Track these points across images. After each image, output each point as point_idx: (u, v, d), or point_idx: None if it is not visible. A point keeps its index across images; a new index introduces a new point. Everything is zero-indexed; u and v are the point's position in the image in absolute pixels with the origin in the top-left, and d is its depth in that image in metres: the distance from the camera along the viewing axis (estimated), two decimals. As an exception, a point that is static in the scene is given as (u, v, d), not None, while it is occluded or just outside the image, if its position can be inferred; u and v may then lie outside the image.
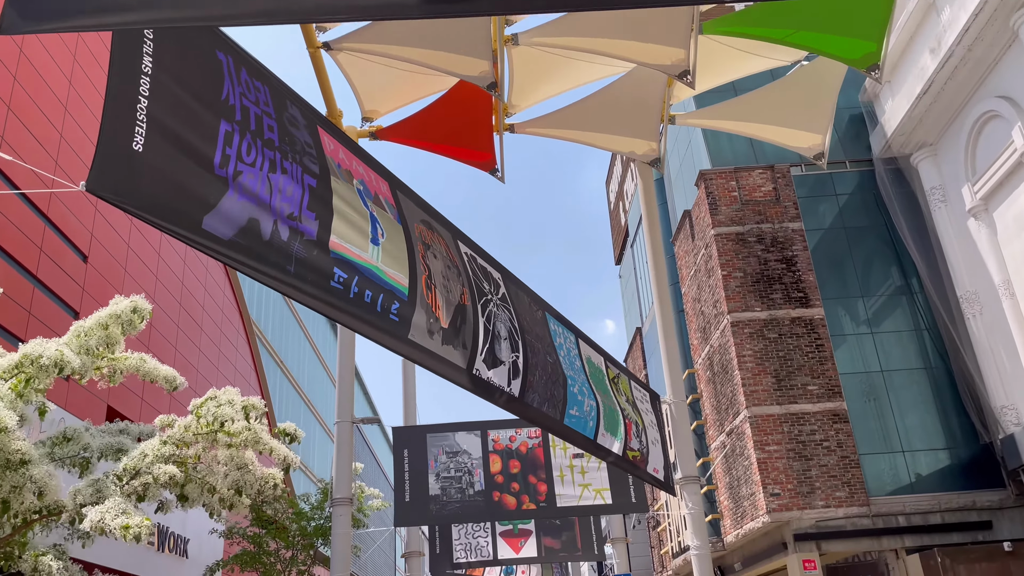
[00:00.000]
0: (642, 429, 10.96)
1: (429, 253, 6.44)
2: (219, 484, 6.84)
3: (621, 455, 9.85)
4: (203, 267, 21.50)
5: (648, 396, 11.73)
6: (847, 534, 15.65)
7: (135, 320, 6.81)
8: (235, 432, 6.72)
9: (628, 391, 10.69)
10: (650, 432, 11.24)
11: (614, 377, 10.28)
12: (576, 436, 8.60)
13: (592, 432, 9.02)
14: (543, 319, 8.40)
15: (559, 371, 8.44)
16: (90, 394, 15.13)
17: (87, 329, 6.73)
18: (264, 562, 15.77)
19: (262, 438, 7.01)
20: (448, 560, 18.16)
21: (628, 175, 28.64)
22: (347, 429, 13.25)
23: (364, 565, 44.62)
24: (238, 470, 6.78)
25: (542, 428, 7.92)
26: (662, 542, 25.30)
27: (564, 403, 8.37)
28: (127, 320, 6.77)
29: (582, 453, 13.11)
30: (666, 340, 13.22)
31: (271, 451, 7.19)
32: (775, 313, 17.35)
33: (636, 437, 10.66)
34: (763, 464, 16.09)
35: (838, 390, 16.63)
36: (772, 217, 18.22)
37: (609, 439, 9.52)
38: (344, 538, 12.61)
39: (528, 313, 7.98)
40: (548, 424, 8.03)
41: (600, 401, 9.44)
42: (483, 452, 13.09)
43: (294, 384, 31.09)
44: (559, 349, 8.61)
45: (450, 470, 12.99)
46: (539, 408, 7.79)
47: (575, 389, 8.72)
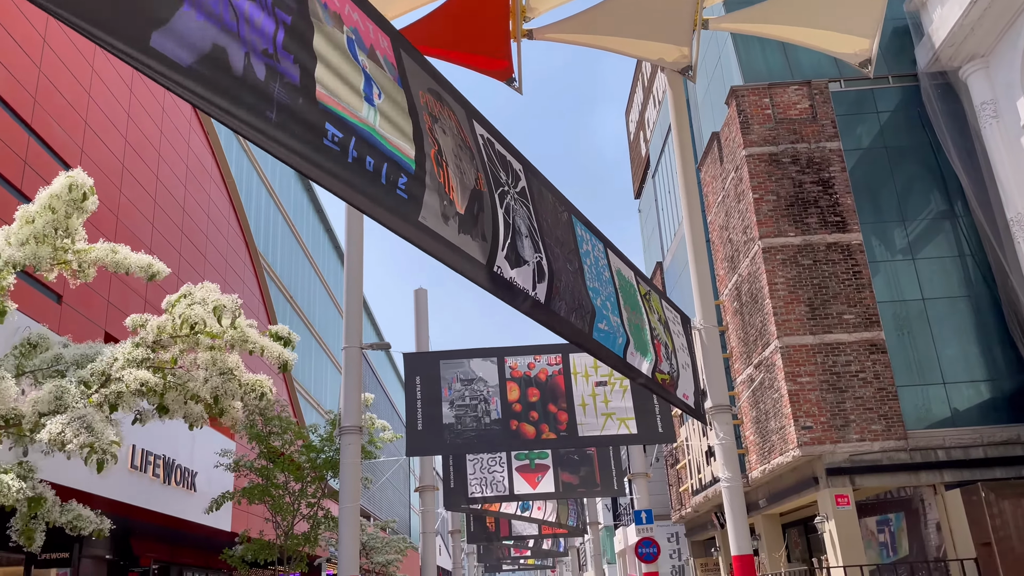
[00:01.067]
0: (672, 352, 10.09)
1: (437, 127, 5.45)
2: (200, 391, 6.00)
3: (651, 377, 8.99)
4: (206, 195, 20.58)
5: (679, 318, 10.83)
6: (883, 468, 14.87)
7: (77, 198, 5.90)
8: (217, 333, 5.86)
9: (660, 310, 9.77)
10: (680, 356, 10.36)
11: (645, 294, 9.35)
12: (605, 352, 7.72)
13: (621, 349, 8.13)
14: (568, 222, 7.44)
15: (582, 281, 7.51)
16: (85, 319, 14.39)
17: (33, 213, 5.84)
18: (273, 495, 15.20)
19: (250, 337, 6.15)
20: (463, 494, 17.60)
21: (650, 102, 27.30)
22: (355, 355, 12.46)
23: (378, 503, 44.70)
24: (220, 376, 5.93)
25: (570, 340, 7.03)
26: (680, 480, 24.74)
27: (592, 315, 7.46)
28: (71, 200, 5.87)
29: (605, 381, 12.30)
30: (696, 261, 12.25)
31: (262, 351, 6.33)
32: (810, 238, 16.30)
33: (666, 359, 9.79)
34: (794, 396, 15.25)
35: (875, 319, 15.67)
36: (808, 136, 17.03)
37: (638, 359, 8.64)
38: (353, 468, 11.92)
39: (551, 213, 7.01)
40: (576, 337, 7.13)
41: (630, 317, 8.53)
42: (500, 379, 12.30)
43: (303, 318, 30.43)
44: (585, 257, 7.66)
45: (465, 398, 12.23)
46: (567, 318, 6.88)
47: (604, 302, 7.80)
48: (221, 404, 5.99)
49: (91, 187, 6.39)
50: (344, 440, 11.94)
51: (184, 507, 17.86)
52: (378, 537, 25.70)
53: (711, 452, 20.60)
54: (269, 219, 27.06)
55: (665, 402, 12.12)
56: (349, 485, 11.78)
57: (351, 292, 12.57)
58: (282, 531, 15.38)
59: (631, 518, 37.50)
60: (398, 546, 25.61)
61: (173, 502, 17.37)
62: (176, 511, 17.51)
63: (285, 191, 29.49)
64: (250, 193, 25.15)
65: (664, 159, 24.75)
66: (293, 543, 15.25)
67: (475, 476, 17.82)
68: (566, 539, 38.45)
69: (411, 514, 63.40)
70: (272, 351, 6.48)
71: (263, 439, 15.22)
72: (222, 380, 5.91)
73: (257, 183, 25.95)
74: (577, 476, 18.03)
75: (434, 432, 11.97)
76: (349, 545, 11.50)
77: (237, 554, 15.67)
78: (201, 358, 6.07)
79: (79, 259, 6.49)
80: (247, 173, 25.09)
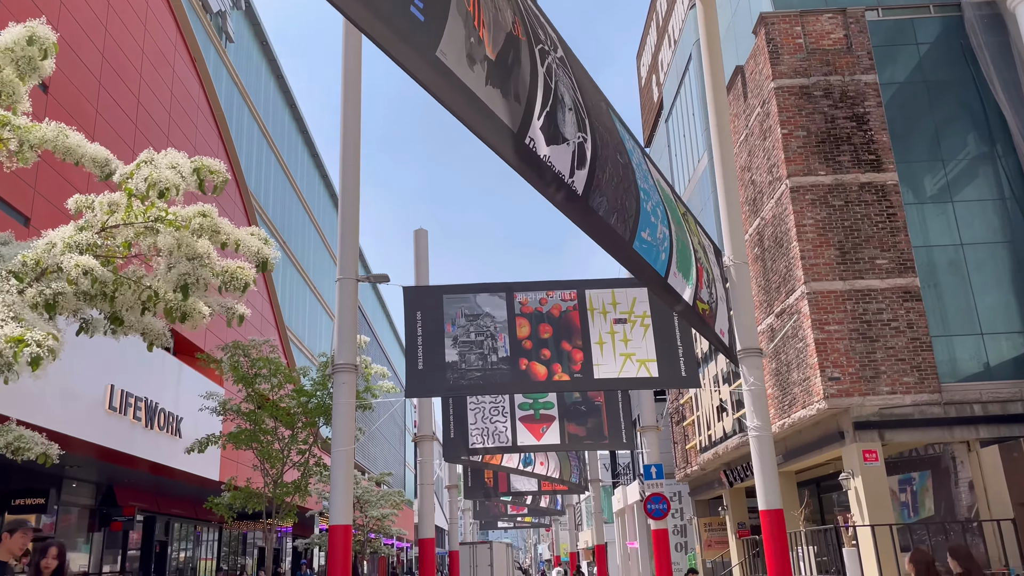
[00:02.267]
0: (712, 280, 9.00)
1: (465, -54, 4.26)
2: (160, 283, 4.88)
3: (691, 305, 7.91)
4: (192, 125, 19.29)
5: (713, 248, 9.73)
6: (915, 423, 13.90)
7: (35, 57, 4.72)
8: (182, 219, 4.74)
9: (697, 232, 8.67)
10: (718, 286, 9.29)
11: (683, 213, 8.24)
12: (644, 268, 6.61)
13: (663, 268, 7.03)
14: (608, 113, 6.28)
15: (631, 177, 6.37)
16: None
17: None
18: (261, 441, 14.21)
19: (222, 227, 5.04)
20: (464, 445, 16.62)
21: (664, 43, 25.91)
22: (350, 287, 11.33)
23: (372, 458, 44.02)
24: (188, 261, 4.81)
25: (606, 248, 5.92)
26: (687, 437, 23.87)
27: (636, 220, 6.33)
28: (25, 57, 4.69)
29: (624, 318, 11.21)
30: (727, 190, 11.06)
31: (236, 245, 5.22)
32: (842, 178, 15.15)
33: (707, 287, 8.71)
34: (821, 345, 14.23)
35: (910, 265, 14.60)
36: (842, 68, 15.78)
37: (680, 282, 7.54)
38: (347, 409, 10.87)
39: (593, 93, 5.86)
40: (613, 244, 6.01)
41: (674, 231, 7.42)
42: (509, 315, 11.20)
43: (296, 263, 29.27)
44: (631, 154, 6.53)
45: (470, 334, 11.14)
46: (606, 219, 5.75)
47: (649, 207, 6.67)
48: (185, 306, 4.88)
49: (54, 44, 5.19)
50: (338, 379, 10.87)
51: (169, 453, 16.90)
52: (372, 491, 24.87)
53: (722, 407, 19.66)
54: (261, 158, 25.76)
55: (687, 346, 11.08)
56: (343, 427, 10.74)
57: (346, 216, 11.41)
58: (271, 479, 14.42)
59: (630, 477, 36.80)
60: (393, 500, 24.79)
61: (157, 448, 16.40)
62: (160, 457, 16.55)
63: (278, 130, 28.13)
64: (240, 129, 23.81)
65: (680, 100, 23.45)
66: (282, 491, 14.31)
67: (476, 426, 16.82)
68: (564, 497, 37.79)
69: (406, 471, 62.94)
70: (249, 246, 5.34)
71: (249, 381, 14.18)
72: (192, 266, 4.78)
73: (248, 119, 24.61)
74: (584, 428, 17.04)
75: (436, 372, 10.90)
76: (342, 492, 10.50)
77: (224, 502, 14.72)
78: (163, 242, 4.91)
79: (19, 137, 5.32)
80: (237, 108, 23.73)
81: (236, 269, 5.07)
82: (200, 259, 4.84)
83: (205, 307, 5.24)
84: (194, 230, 4.94)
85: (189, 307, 5.00)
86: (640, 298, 11.30)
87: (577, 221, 5.52)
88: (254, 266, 5.43)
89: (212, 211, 5.15)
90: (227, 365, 14.04)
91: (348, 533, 10.49)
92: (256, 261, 5.41)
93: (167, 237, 4.86)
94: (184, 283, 4.78)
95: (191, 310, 5.03)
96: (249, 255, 5.35)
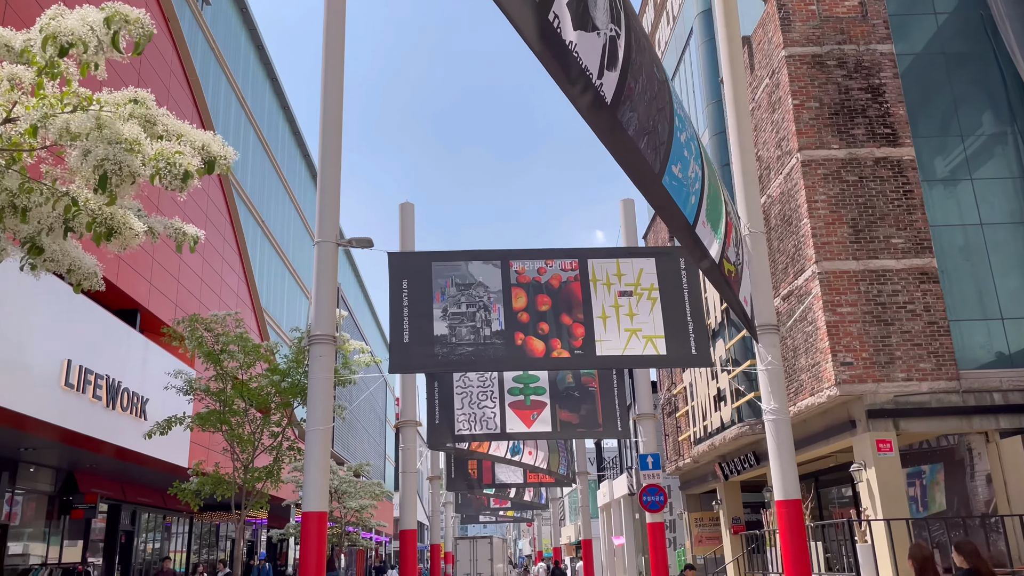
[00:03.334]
0: (740, 240, 8.07)
1: None
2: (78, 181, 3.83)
3: (717, 263, 6.96)
4: (164, 88, 18.12)
5: (734, 212, 8.80)
6: (931, 411, 13.06)
7: None
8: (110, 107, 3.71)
9: (722, 187, 7.71)
10: (744, 249, 8.36)
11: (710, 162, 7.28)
12: (671, 210, 5.64)
13: (693, 213, 6.07)
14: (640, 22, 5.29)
15: (667, 98, 5.40)
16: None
17: None
18: (230, 422, 13.14)
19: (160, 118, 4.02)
20: (449, 432, 15.63)
21: (662, 21, 24.98)
22: (329, 251, 10.29)
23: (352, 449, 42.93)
24: (109, 145, 3.74)
25: (631, 176, 4.95)
26: (679, 429, 23.00)
27: (668, 150, 5.36)
28: None
29: (630, 291, 10.24)
30: (742, 152, 10.14)
31: (178, 137, 4.18)
32: (856, 152, 14.28)
33: (735, 246, 7.77)
34: (833, 328, 13.35)
35: (927, 245, 13.76)
36: (857, 37, 14.90)
37: (708, 234, 6.59)
38: (324, 384, 9.84)
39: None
40: (640, 174, 5.04)
41: (706, 174, 6.47)
42: (503, 285, 10.21)
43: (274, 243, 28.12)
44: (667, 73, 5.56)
45: (460, 305, 10.13)
46: (635, 140, 4.78)
47: (684, 138, 5.71)
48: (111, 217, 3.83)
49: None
50: (314, 351, 9.84)
51: (133, 437, 15.76)
52: (351, 481, 23.82)
53: (720, 396, 18.79)
54: (239, 131, 24.58)
55: (698, 321, 10.14)
56: (319, 404, 9.70)
57: (326, 175, 10.37)
58: (240, 464, 13.36)
59: (617, 471, 35.94)
60: (373, 491, 23.76)
61: (119, 430, 15.27)
62: (123, 440, 15.41)
63: (258, 104, 26.94)
64: (217, 99, 22.63)
65: (679, 78, 22.53)
66: (253, 477, 13.25)
67: (463, 412, 15.82)
68: (548, 490, 36.90)
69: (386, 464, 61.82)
70: (193, 138, 4.28)
71: (216, 359, 13.11)
72: (114, 151, 3.70)
73: (227, 89, 23.42)
74: (577, 415, 16.09)
75: (422, 345, 9.89)
76: (317, 475, 9.47)
77: (190, 488, 13.64)
78: (78, 124, 3.81)
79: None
80: (215, 76, 22.55)
81: (173, 154, 4.01)
82: (124, 142, 3.79)
83: (138, 222, 4.21)
84: (124, 115, 3.91)
85: (117, 219, 3.94)
86: (647, 269, 10.34)
87: (603, 137, 4.54)
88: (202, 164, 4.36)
89: (148, 97, 4.13)
90: (189, 340, 12.97)
91: (323, 521, 9.46)
92: (204, 158, 4.35)
93: (83, 118, 3.80)
94: (104, 171, 3.71)
95: (119, 224, 3.97)
96: (194, 147, 4.27)
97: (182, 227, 4.62)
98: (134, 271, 16.40)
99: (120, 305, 16.41)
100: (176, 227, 4.63)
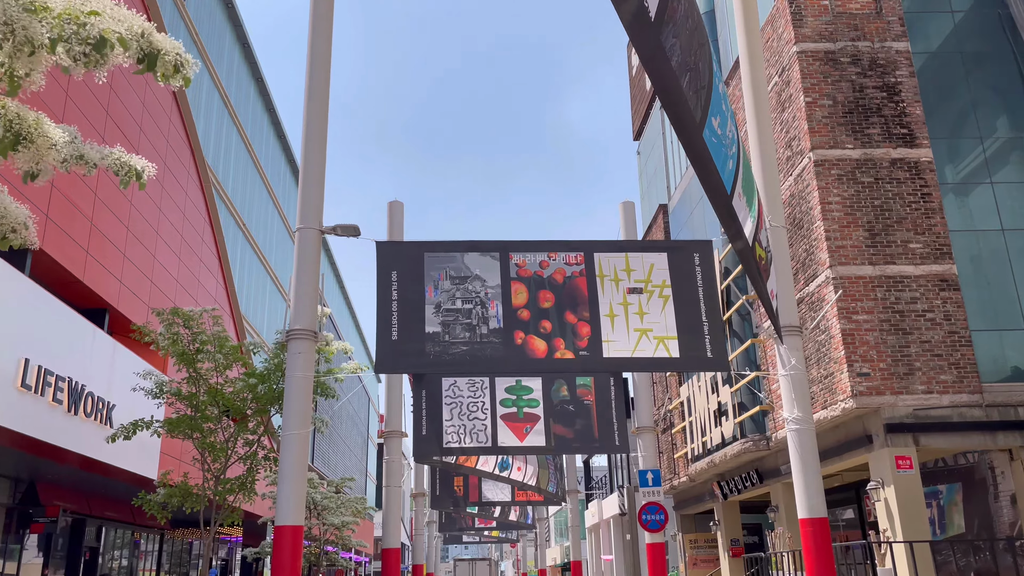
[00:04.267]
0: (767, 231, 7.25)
1: None
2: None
3: (750, 245, 6.13)
4: (148, 89, 17.20)
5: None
6: (953, 426, 12.26)
7: None
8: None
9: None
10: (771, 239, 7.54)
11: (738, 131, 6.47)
12: (708, 169, 4.80)
13: (730, 180, 5.24)
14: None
15: (706, 38, 4.58)
16: None
17: None
18: (202, 429, 12.13)
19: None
20: (437, 444, 14.64)
21: (660, 26, 24.37)
22: (312, 239, 9.41)
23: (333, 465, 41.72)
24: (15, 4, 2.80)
25: (672, 119, 4.13)
26: (675, 446, 22.12)
27: (708, 97, 4.54)
28: None
29: (640, 288, 9.39)
30: (761, 141, 9.39)
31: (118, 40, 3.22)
32: (871, 152, 13.57)
33: (765, 230, 6.96)
34: (849, 336, 12.56)
35: (947, 250, 13.03)
36: (871, 34, 14.25)
37: (743, 208, 5.76)
38: (302, 384, 8.91)
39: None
40: (680, 115, 4.21)
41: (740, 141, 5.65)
42: (503, 279, 9.34)
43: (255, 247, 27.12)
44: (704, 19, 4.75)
45: (456, 300, 9.25)
46: (677, 75, 3.95)
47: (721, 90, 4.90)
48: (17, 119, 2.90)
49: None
50: (293, 347, 8.92)
51: (97, 445, 14.68)
52: (332, 496, 22.72)
53: (721, 411, 17.94)
54: (222, 130, 23.66)
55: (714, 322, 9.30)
56: (296, 406, 8.77)
57: (310, 158, 9.51)
58: (211, 475, 12.35)
59: (607, 490, 34.95)
60: (355, 507, 22.65)
61: (81, 437, 14.19)
62: (85, 448, 14.33)
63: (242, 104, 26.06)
64: (199, 93, 21.74)
65: (678, 83, 21.86)
66: (224, 489, 12.24)
67: (452, 423, 14.86)
68: (535, 510, 35.81)
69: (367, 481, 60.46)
70: (133, 26, 3.35)
71: (190, 359, 12.13)
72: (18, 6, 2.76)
73: (209, 86, 22.54)
74: (572, 429, 15.16)
75: (413, 343, 9.00)
76: (292, 485, 8.52)
77: (157, 500, 12.59)
78: None
79: None
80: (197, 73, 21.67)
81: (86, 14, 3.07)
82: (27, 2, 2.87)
83: (58, 130, 3.29)
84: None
85: (27, 122, 2.99)
86: (659, 264, 9.51)
87: (647, 65, 3.72)
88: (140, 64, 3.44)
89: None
90: (164, 338, 11.99)
91: (298, 537, 8.49)
92: (136, 55, 3.40)
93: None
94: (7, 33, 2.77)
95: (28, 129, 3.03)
96: (130, 48, 3.34)
97: (127, 159, 3.71)
98: (103, 267, 15.40)
99: (87, 304, 15.40)
100: (117, 158, 3.73)
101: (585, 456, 38.31)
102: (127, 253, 16.38)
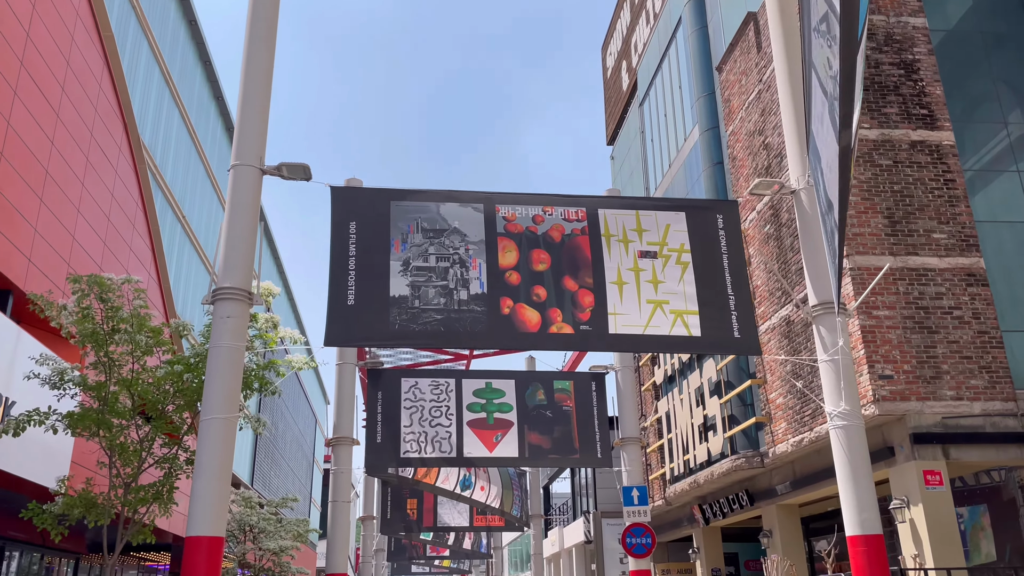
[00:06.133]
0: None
1: None
2: None
3: (852, 146, 4.47)
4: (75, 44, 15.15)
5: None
6: (986, 438, 10.79)
7: None
8: None
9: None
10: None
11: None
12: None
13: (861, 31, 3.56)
14: None
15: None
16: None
17: None
18: (110, 425, 10.02)
19: None
20: (393, 453, 12.72)
21: (640, 22, 23.12)
22: (250, 178, 7.53)
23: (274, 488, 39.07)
24: None
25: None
26: (650, 466, 20.41)
27: None
28: None
29: (654, 251, 7.72)
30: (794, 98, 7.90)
31: None
32: (889, 133, 12.23)
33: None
34: (869, 334, 11.07)
35: (973, 242, 11.70)
36: (886, 7, 13.01)
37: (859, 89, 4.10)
38: (229, 355, 6.96)
39: None
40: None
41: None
42: (487, 234, 7.57)
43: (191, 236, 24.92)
44: None
45: (428, 256, 7.44)
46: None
47: None
48: None
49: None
50: (220, 310, 6.99)
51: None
52: (271, 519, 20.43)
53: (708, 426, 16.31)
54: (161, 112, 21.57)
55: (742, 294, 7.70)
56: (220, 384, 6.82)
57: (250, 84, 7.67)
58: (120, 481, 10.23)
59: (569, 516, 33.03)
60: (295, 530, 20.39)
61: (-32, 437, 11.86)
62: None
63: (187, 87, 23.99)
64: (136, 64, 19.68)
65: (661, 77, 20.53)
66: (135, 498, 10.12)
67: (411, 429, 12.93)
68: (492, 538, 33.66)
69: (311, 508, 57.38)
70: None
71: (101, 341, 10.07)
72: None
73: (148, 58, 20.49)
74: (549, 438, 13.35)
75: (373, 309, 7.18)
76: (211, 485, 6.56)
77: (52, 511, 10.38)
78: None
79: None
80: (134, 36, 19.63)
81: None
82: None
83: None
84: None
85: None
86: (676, 225, 7.86)
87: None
88: None
89: None
90: (71, 313, 9.93)
91: (217, 551, 6.52)
92: None
93: None
94: None
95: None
96: None
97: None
98: (8, 241, 13.22)
99: (-14, 282, 13.17)
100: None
101: (545, 482, 36.37)
102: (39, 228, 14.20)
